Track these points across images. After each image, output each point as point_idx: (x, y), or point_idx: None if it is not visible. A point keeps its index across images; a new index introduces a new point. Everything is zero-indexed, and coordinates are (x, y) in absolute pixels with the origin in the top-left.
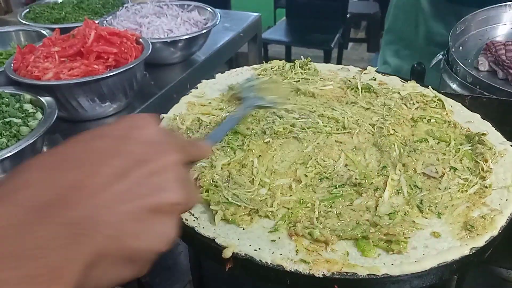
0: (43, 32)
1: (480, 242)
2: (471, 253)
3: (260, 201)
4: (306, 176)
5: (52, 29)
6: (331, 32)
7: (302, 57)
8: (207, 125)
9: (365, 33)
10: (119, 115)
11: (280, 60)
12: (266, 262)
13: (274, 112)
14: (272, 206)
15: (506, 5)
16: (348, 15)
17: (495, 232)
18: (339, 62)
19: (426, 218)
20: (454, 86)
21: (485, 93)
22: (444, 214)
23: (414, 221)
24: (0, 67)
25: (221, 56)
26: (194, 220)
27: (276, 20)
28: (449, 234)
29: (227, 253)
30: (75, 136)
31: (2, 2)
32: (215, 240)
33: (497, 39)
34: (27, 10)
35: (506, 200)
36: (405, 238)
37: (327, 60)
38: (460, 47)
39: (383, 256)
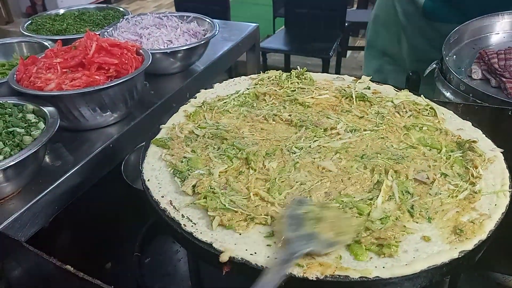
0: (45, 43)
1: (469, 245)
2: (460, 256)
3: (255, 207)
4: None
5: (54, 40)
6: (329, 41)
7: (298, 67)
8: (202, 136)
9: (364, 41)
10: (119, 124)
11: (278, 68)
12: (262, 266)
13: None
14: (268, 214)
15: (498, 14)
16: (346, 24)
17: (483, 236)
18: (337, 70)
19: (417, 222)
20: (447, 94)
21: (478, 101)
22: (434, 218)
23: (405, 226)
24: (4, 77)
25: (220, 66)
26: (192, 226)
27: (275, 29)
28: (439, 238)
29: (224, 257)
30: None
31: (3, 13)
32: (213, 244)
33: (490, 47)
34: (29, 21)
35: (495, 205)
36: (396, 242)
37: (325, 68)
38: (454, 56)
39: (375, 259)
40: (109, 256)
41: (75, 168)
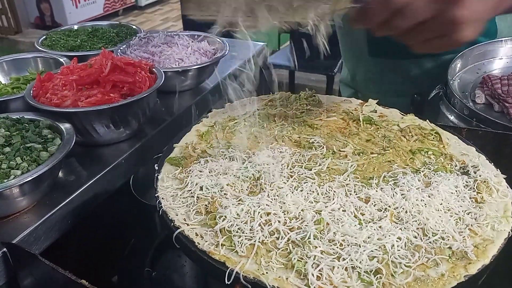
0: (60, 59)
1: (473, 270)
2: (465, 280)
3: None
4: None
5: (68, 56)
6: (334, 58)
7: (307, 89)
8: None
9: None
10: (131, 140)
11: (283, 84)
12: (272, 285)
13: None
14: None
15: (502, 40)
16: None
17: (486, 260)
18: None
19: None
20: (451, 118)
21: (481, 125)
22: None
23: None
24: (19, 92)
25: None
26: (205, 244)
27: (280, 45)
28: (445, 262)
29: (236, 276)
30: None
31: (12, 23)
32: (226, 263)
33: (493, 72)
34: (44, 37)
35: (499, 230)
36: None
37: (329, 84)
38: (458, 80)
39: None
40: (115, 269)
41: (89, 183)
